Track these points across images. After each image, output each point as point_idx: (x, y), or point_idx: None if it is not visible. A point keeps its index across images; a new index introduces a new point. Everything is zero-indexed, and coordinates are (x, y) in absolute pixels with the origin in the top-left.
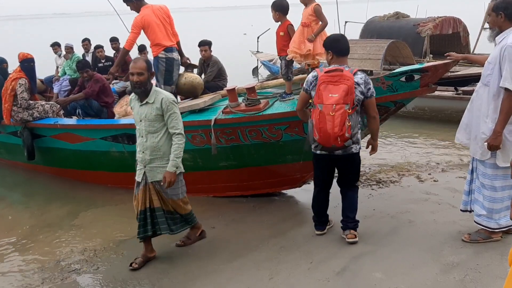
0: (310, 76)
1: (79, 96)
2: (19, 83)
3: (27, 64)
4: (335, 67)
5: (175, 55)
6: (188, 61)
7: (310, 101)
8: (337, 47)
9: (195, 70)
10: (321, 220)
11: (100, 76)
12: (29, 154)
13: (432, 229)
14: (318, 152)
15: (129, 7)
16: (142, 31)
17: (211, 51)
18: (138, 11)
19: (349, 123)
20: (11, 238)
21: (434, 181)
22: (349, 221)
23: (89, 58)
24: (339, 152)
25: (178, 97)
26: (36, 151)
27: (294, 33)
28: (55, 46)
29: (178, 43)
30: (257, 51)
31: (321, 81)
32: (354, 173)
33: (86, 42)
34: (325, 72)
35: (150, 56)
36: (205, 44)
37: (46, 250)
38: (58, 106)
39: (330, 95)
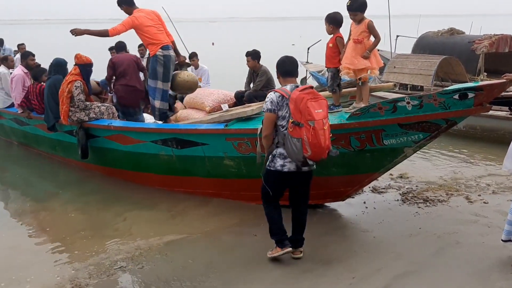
0: (274, 97)
1: None
2: (75, 86)
3: (89, 68)
4: (306, 86)
5: (171, 52)
6: (185, 60)
7: (291, 121)
8: (283, 68)
9: (189, 69)
10: (285, 234)
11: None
12: (83, 153)
13: (481, 252)
14: (286, 170)
15: (122, 11)
16: (134, 30)
17: (256, 61)
18: (130, 14)
19: (330, 134)
20: (63, 234)
21: (484, 203)
22: (299, 242)
23: (144, 62)
24: (306, 168)
25: (227, 105)
26: (90, 151)
27: (342, 45)
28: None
29: (173, 43)
30: (307, 62)
31: (303, 99)
32: (308, 191)
33: (142, 47)
34: (300, 91)
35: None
36: (247, 55)
37: (94, 246)
38: (114, 108)
39: (316, 111)
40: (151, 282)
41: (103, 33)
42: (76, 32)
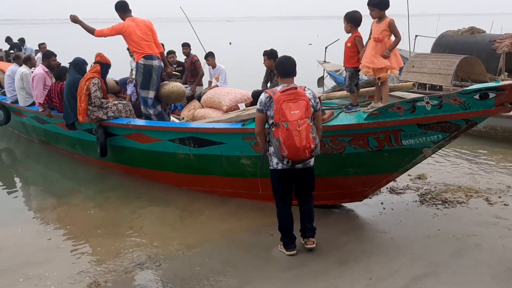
0: (262, 98)
1: None
2: (93, 82)
3: (107, 69)
4: (290, 86)
5: (155, 63)
6: (173, 71)
7: (271, 121)
8: (282, 68)
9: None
10: (293, 238)
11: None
12: (101, 151)
13: (501, 254)
14: (280, 167)
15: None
16: (122, 37)
17: (272, 60)
18: (123, 20)
19: (313, 134)
20: (82, 231)
21: (505, 205)
22: (308, 231)
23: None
24: (299, 166)
25: (244, 104)
26: (108, 149)
27: (361, 45)
28: None
29: (161, 54)
30: (324, 61)
31: (280, 100)
32: (311, 185)
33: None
34: (281, 92)
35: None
36: (264, 54)
37: (113, 244)
38: (131, 105)
39: (292, 112)
40: (168, 280)
41: (90, 31)
42: (73, 18)
